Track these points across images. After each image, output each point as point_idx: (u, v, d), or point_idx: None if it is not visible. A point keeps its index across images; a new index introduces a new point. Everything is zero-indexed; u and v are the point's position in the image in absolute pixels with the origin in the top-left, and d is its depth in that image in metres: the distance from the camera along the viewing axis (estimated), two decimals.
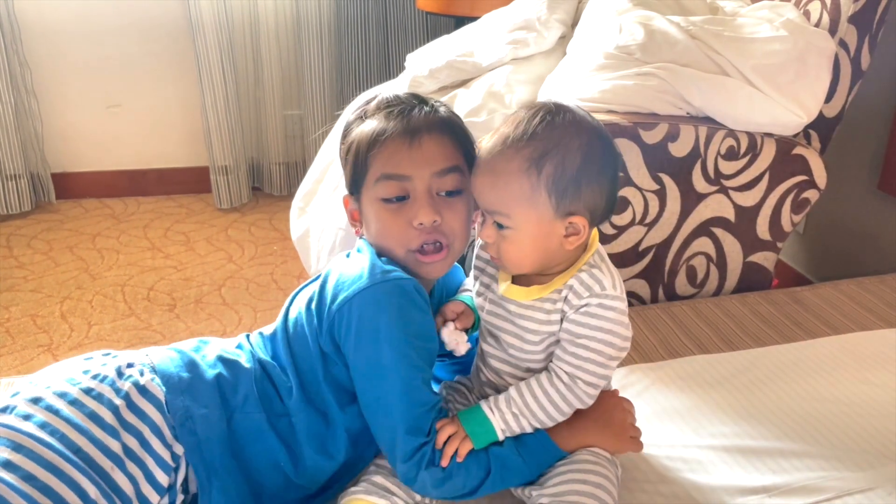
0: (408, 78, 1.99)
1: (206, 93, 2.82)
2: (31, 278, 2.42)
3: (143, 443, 0.88)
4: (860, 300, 1.56)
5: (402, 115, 0.98)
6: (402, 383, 0.91)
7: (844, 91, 1.65)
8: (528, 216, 0.91)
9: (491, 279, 1.03)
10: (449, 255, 0.99)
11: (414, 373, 0.92)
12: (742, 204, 1.62)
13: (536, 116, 0.91)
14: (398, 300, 0.91)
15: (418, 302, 0.93)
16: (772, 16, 1.65)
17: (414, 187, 0.96)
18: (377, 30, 3.00)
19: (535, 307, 0.97)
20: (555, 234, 0.92)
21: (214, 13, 2.73)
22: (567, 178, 0.89)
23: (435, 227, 0.96)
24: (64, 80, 2.88)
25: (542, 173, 0.89)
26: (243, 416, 0.95)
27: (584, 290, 0.94)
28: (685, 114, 1.59)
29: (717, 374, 1.31)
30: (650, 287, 1.64)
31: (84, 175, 3.02)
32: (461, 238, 1.00)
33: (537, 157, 0.89)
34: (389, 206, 0.97)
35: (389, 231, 0.97)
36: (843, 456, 1.11)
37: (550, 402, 0.95)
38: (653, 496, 1.03)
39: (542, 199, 0.90)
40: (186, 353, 0.98)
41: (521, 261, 0.95)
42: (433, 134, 0.97)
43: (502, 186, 0.91)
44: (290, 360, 0.98)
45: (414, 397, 0.92)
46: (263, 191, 3.12)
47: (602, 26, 1.75)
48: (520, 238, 0.93)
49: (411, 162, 0.95)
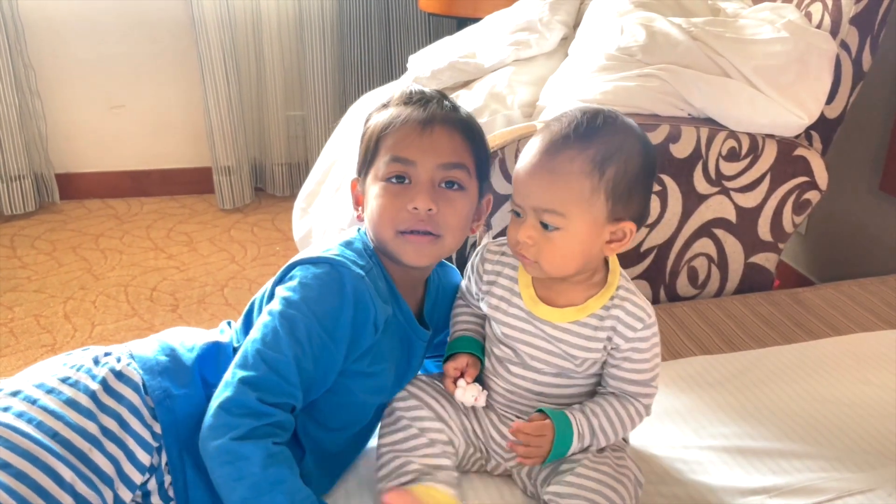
0: (410, 79, 2.00)
1: (208, 93, 2.82)
2: (34, 279, 2.43)
3: (122, 423, 0.89)
4: (861, 301, 1.56)
5: (421, 105, 1.00)
6: (274, 340, 0.90)
7: (846, 92, 1.65)
8: (583, 218, 0.91)
9: (508, 291, 1.01)
10: (436, 246, 0.98)
11: (296, 347, 0.90)
12: (743, 205, 1.62)
13: (596, 119, 0.92)
14: (327, 282, 0.93)
15: (345, 295, 0.93)
16: (773, 17, 1.65)
17: (417, 173, 0.97)
18: (380, 31, 3.00)
19: (571, 331, 0.97)
20: (600, 239, 0.93)
21: (217, 14, 2.74)
22: (626, 182, 0.91)
23: (429, 215, 0.96)
24: (67, 80, 2.89)
25: (604, 176, 0.90)
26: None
27: (636, 322, 0.96)
28: (686, 115, 1.59)
29: (719, 374, 1.31)
30: (651, 288, 1.65)
31: (87, 175, 3.03)
32: (454, 233, 1.00)
33: (601, 159, 0.90)
34: (390, 187, 0.98)
35: (385, 210, 0.97)
36: (843, 457, 1.11)
37: (626, 427, 1.00)
38: (653, 497, 1.03)
39: (600, 202, 0.91)
40: (165, 341, 1.00)
41: (565, 264, 0.93)
42: (446, 127, 0.99)
43: (562, 185, 0.90)
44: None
45: (277, 360, 0.90)
46: (266, 191, 3.13)
47: (604, 28, 1.76)
48: (568, 240, 0.92)
49: (419, 148, 0.97)
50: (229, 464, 0.85)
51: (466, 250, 1.61)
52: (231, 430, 0.86)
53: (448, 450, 1.01)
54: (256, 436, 0.86)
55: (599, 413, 0.98)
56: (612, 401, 0.99)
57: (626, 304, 0.96)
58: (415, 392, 1.04)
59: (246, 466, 0.85)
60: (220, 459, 0.86)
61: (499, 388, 1.04)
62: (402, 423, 1.01)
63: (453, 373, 1.02)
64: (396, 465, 0.98)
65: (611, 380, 1.00)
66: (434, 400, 1.04)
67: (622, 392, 1.00)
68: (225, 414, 0.87)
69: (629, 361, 0.98)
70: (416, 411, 1.02)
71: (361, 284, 0.95)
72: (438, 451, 0.99)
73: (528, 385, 1.01)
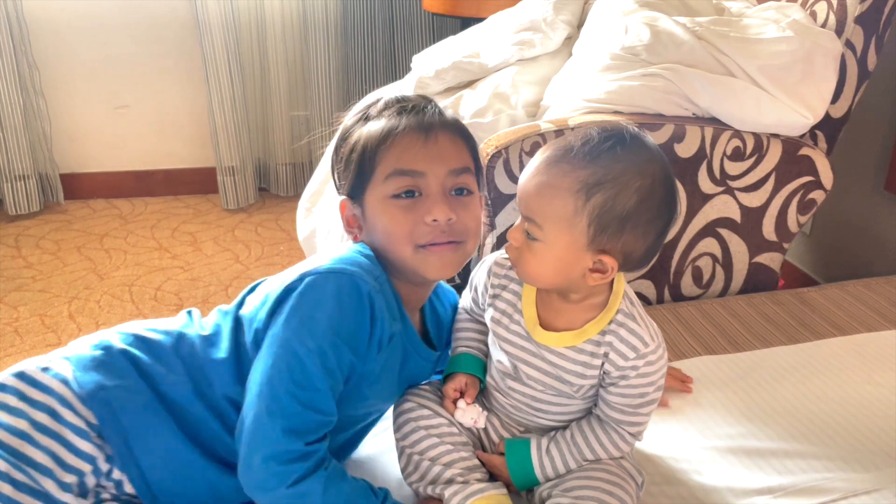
0: (414, 79, 2.00)
1: (212, 94, 2.83)
2: (39, 278, 2.43)
3: (55, 415, 0.89)
4: (867, 301, 1.56)
5: (416, 113, 0.96)
6: (305, 378, 0.86)
7: (851, 92, 1.64)
8: (560, 237, 0.87)
9: (511, 307, 1.00)
10: (458, 253, 0.95)
11: (323, 375, 0.87)
12: (748, 204, 1.62)
13: (608, 141, 0.86)
14: (346, 296, 0.88)
15: (364, 307, 0.89)
16: (778, 16, 1.65)
17: (427, 184, 0.93)
18: (384, 31, 3.00)
19: (569, 357, 0.95)
20: (580, 265, 0.88)
21: (221, 14, 2.74)
22: (613, 215, 0.85)
23: (450, 224, 0.93)
24: (72, 80, 2.89)
25: (589, 201, 0.85)
26: (169, 386, 0.93)
27: (629, 351, 0.92)
28: (691, 114, 1.59)
29: (723, 374, 1.31)
30: (656, 288, 1.64)
31: (92, 176, 3.04)
32: (474, 238, 0.97)
33: (591, 183, 0.85)
34: (400, 203, 0.93)
35: (399, 227, 0.93)
36: (849, 457, 1.11)
37: (608, 451, 0.97)
38: (658, 497, 1.03)
39: (581, 227, 0.86)
40: (103, 337, 0.98)
41: (538, 276, 0.91)
42: (447, 132, 0.96)
43: (547, 197, 0.87)
44: (230, 335, 0.96)
45: (312, 398, 0.87)
46: (270, 191, 3.13)
47: (608, 27, 1.76)
48: (544, 253, 0.89)
49: (427, 157, 0.93)
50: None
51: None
52: (285, 479, 0.85)
53: (469, 447, 1.01)
54: (310, 473, 0.86)
55: (571, 440, 0.97)
56: (594, 426, 0.97)
57: (620, 331, 0.92)
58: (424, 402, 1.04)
59: (309, 500, 0.86)
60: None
61: (500, 399, 1.03)
62: (420, 433, 1.00)
63: (453, 394, 1.01)
64: (434, 473, 0.98)
65: (600, 401, 0.98)
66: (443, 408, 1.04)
67: (606, 417, 0.97)
68: (275, 465, 0.85)
69: (616, 387, 0.94)
70: (432, 419, 1.01)
71: (378, 297, 0.91)
72: (467, 453, 1.00)
73: (526, 400, 1.00)
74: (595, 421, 0.98)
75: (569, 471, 0.97)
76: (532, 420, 1.02)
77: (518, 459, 0.98)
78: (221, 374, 0.94)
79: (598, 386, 0.97)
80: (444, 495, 0.95)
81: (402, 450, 1.02)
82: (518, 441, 1.00)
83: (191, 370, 0.95)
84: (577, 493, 0.92)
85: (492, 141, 1.47)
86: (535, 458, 0.97)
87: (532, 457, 0.98)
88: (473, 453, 1.01)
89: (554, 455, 0.97)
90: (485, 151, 1.45)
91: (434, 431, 1.00)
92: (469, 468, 0.98)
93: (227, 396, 0.94)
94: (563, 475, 0.97)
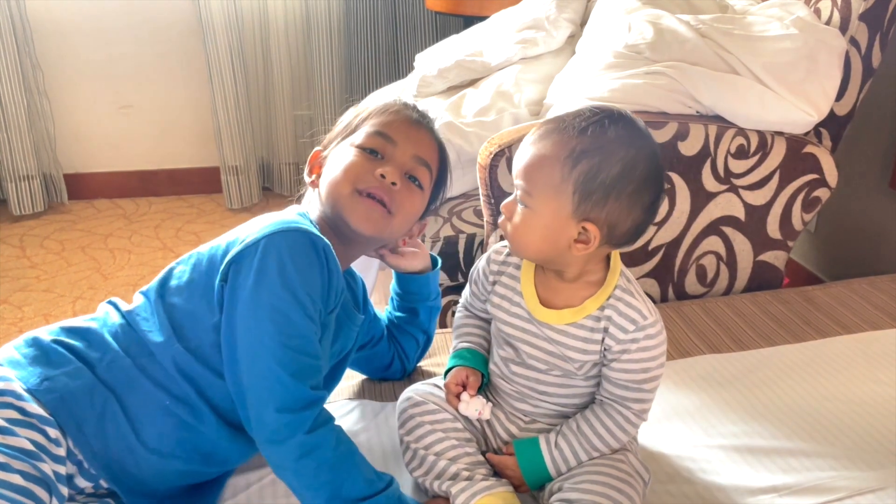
0: (417, 77, 2.00)
1: (216, 93, 2.83)
2: (43, 278, 2.44)
3: (21, 410, 0.88)
4: (872, 299, 1.55)
5: (415, 111, 1.09)
6: (291, 326, 0.90)
7: (855, 89, 1.64)
8: (548, 203, 0.91)
9: (510, 291, 1.02)
10: (384, 220, 1.01)
11: (307, 322, 0.91)
12: (752, 203, 1.61)
13: (597, 115, 0.91)
14: (304, 248, 0.93)
15: (321, 258, 0.94)
16: (782, 14, 1.64)
17: (393, 153, 1.03)
18: (386, 30, 3.00)
19: (569, 333, 0.97)
20: (566, 234, 0.92)
21: (225, 14, 2.75)
22: (597, 182, 0.89)
23: (391, 188, 1.01)
24: (75, 81, 2.90)
25: (575, 168, 0.89)
26: (107, 366, 0.94)
27: (628, 324, 0.95)
28: (695, 112, 1.59)
29: (728, 373, 1.31)
30: (660, 286, 1.64)
31: (96, 176, 3.04)
32: (401, 220, 1.04)
33: (578, 151, 0.89)
34: (363, 153, 1.03)
35: (351, 168, 1.01)
36: (854, 455, 1.11)
37: (616, 436, 0.98)
38: (662, 496, 1.03)
39: (567, 193, 0.90)
40: (26, 336, 0.98)
41: (527, 245, 0.95)
42: (431, 134, 1.08)
43: (537, 166, 0.92)
44: (163, 310, 0.97)
45: (302, 344, 0.91)
46: (273, 191, 3.13)
47: (611, 25, 1.75)
48: (532, 220, 0.93)
49: (405, 135, 1.04)
50: (306, 455, 0.89)
51: (474, 251, 1.60)
52: (299, 426, 0.88)
53: (473, 443, 1.03)
54: (321, 422, 0.90)
55: (577, 431, 0.98)
56: (597, 412, 0.99)
57: (619, 305, 0.95)
58: (428, 397, 1.06)
59: (322, 453, 0.89)
60: (296, 454, 0.89)
61: (505, 388, 1.04)
62: (425, 427, 1.02)
63: (455, 388, 1.04)
64: (440, 468, 0.99)
65: (603, 381, 0.99)
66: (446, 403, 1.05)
67: (611, 396, 0.98)
68: (287, 414, 0.88)
69: (618, 362, 0.96)
70: (437, 414, 1.03)
71: (329, 249, 0.96)
72: (472, 449, 1.01)
73: (531, 384, 1.02)
74: (598, 407, 1.00)
75: (579, 463, 0.98)
76: (537, 405, 1.03)
77: (529, 457, 0.99)
78: (163, 342, 0.95)
79: (599, 364, 0.99)
80: (451, 492, 0.96)
81: (406, 445, 1.03)
82: (526, 440, 1.01)
83: (127, 347, 0.96)
84: (585, 487, 0.93)
85: (495, 139, 1.47)
86: (546, 453, 0.98)
87: (542, 452, 0.99)
88: (478, 450, 1.02)
89: (563, 447, 0.98)
90: (487, 150, 1.45)
91: (439, 427, 1.01)
92: (474, 464, 0.99)
93: (175, 362, 0.94)
94: (574, 469, 0.98)
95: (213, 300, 0.95)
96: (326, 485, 0.89)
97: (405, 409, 1.05)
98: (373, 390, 1.24)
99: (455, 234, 1.61)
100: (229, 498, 1.02)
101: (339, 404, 1.20)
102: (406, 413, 1.04)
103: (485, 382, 1.07)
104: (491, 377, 1.07)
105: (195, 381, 0.95)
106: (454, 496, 0.95)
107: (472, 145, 1.66)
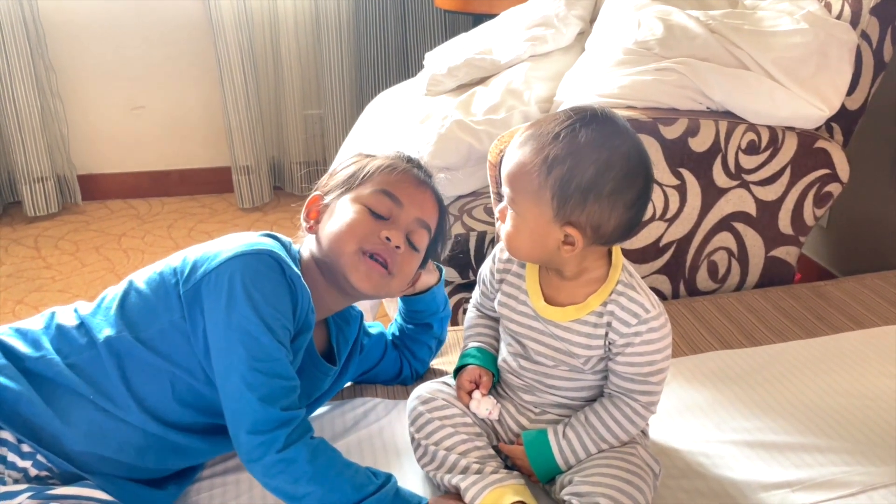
0: (426, 76, 2.00)
1: (227, 93, 2.85)
2: (58, 278, 2.46)
3: None
4: (884, 294, 1.55)
5: (420, 169, 1.11)
6: (261, 350, 0.92)
7: (867, 83, 1.63)
8: (530, 209, 0.93)
9: (516, 289, 1.04)
10: (384, 281, 1.03)
11: (276, 344, 0.93)
12: (764, 198, 1.61)
13: (569, 120, 0.92)
14: (268, 270, 0.95)
15: (286, 277, 0.96)
16: (792, 8, 1.63)
17: (399, 215, 1.05)
18: (396, 28, 3.01)
19: (574, 329, 0.99)
20: (552, 238, 0.94)
21: (235, 15, 2.76)
22: (573, 187, 0.90)
23: (395, 251, 1.03)
24: (88, 82, 2.92)
25: (550, 174, 0.91)
26: (34, 362, 0.95)
27: (631, 317, 0.96)
28: (705, 108, 1.59)
29: (740, 369, 1.31)
30: (671, 283, 1.64)
31: (109, 176, 3.07)
32: (400, 281, 1.06)
33: (551, 158, 0.91)
34: (370, 213, 1.04)
35: (358, 226, 1.02)
36: (867, 450, 1.11)
37: (625, 428, 0.99)
38: (675, 491, 1.03)
39: (546, 199, 0.92)
40: None
41: (518, 248, 0.97)
42: (435, 196, 1.11)
43: (518, 173, 0.94)
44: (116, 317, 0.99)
45: (271, 367, 0.93)
46: (284, 190, 3.15)
47: (620, 22, 1.75)
48: (519, 224, 0.95)
49: (410, 197, 1.06)
50: (282, 472, 0.91)
51: (485, 248, 1.61)
52: (271, 446, 0.91)
53: (483, 437, 1.04)
54: (294, 439, 0.92)
55: (586, 422, 0.99)
56: (605, 404, 1.00)
57: (621, 300, 0.96)
58: (437, 393, 1.07)
59: (297, 468, 0.91)
60: (272, 472, 0.92)
61: (515, 382, 1.06)
62: (435, 423, 1.03)
63: (468, 385, 1.05)
64: (450, 462, 1.00)
65: (610, 374, 1.00)
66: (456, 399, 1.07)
67: (618, 389, 0.99)
68: (258, 436, 0.91)
69: (623, 356, 0.97)
70: (446, 410, 1.04)
71: (294, 272, 0.98)
72: (482, 443, 1.02)
73: (539, 378, 1.03)
74: (606, 399, 1.01)
75: (589, 456, 0.99)
76: (546, 398, 1.04)
77: (537, 448, 1.00)
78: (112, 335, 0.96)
79: (605, 358, 1.00)
80: (461, 486, 0.97)
81: (417, 442, 1.04)
82: (535, 432, 1.02)
83: (58, 345, 0.97)
84: (596, 480, 0.94)
85: (504, 137, 1.47)
86: (554, 445, 0.99)
87: (550, 443, 0.99)
88: (488, 444, 1.03)
89: (571, 438, 0.99)
90: (497, 147, 1.46)
91: (448, 422, 1.03)
92: (484, 457, 1.00)
93: (109, 343, 0.96)
94: (583, 462, 0.98)
95: (171, 301, 0.97)
96: (308, 496, 0.91)
97: (415, 406, 1.06)
98: (386, 389, 1.26)
99: (466, 231, 1.62)
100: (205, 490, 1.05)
101: (352, 402, 1.21)
102: (416, 411, 1.05)
103: (495, 383, 1.08)
104: (500, 372, 1.08)
105: (125, 374, 0.96)
106: (465, 489, 0.96)
107: (483, 143, 1.66)
